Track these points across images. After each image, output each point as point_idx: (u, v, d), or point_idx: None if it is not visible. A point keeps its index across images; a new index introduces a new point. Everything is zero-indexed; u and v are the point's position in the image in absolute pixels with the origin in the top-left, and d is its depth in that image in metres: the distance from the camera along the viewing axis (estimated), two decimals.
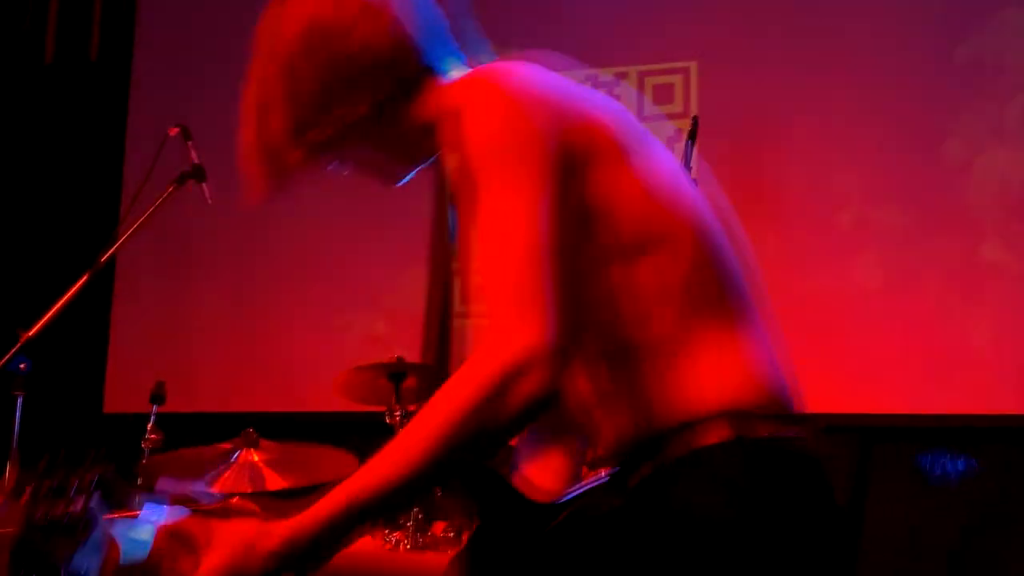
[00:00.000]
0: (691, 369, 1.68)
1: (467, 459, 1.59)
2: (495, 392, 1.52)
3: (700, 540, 1.61)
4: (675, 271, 1.70)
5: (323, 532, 1.57)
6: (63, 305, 3.85)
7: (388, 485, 1.56)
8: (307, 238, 5.53)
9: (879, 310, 4.75)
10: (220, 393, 5.51)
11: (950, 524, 4.71)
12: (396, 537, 3.57)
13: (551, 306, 1.56)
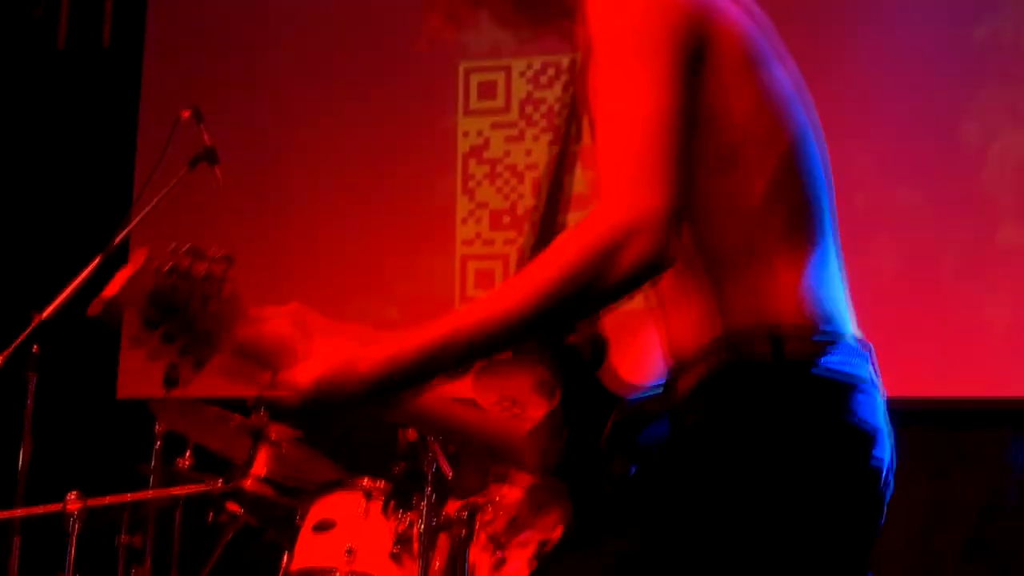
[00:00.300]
0: (756, 283, 1.68)
1: (565, 318, 1.60)
2: (606, 250, 1.52)
3: (724, 458, 1.62)
4: (768, 186, 1.70)
5: (417, 364, 1.57)
6: (76, 287, 3.85)
7: (486, 328, 1.56)
8: (319, 224, 5.52)
9: (895, 293, 4.72)
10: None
11: (965, 507, 4.69)
12: (410, 517, 3.56)
13: (669, 176, 1.55)
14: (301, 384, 1.58)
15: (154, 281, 1.49)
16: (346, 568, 3.52)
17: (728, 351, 1.67)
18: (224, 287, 1.54)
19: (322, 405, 1.59)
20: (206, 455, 4.34)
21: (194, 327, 1.52)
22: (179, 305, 1.51)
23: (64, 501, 3.60)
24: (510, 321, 1.56)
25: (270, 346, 1.60)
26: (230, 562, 4.21)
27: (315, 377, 1.58)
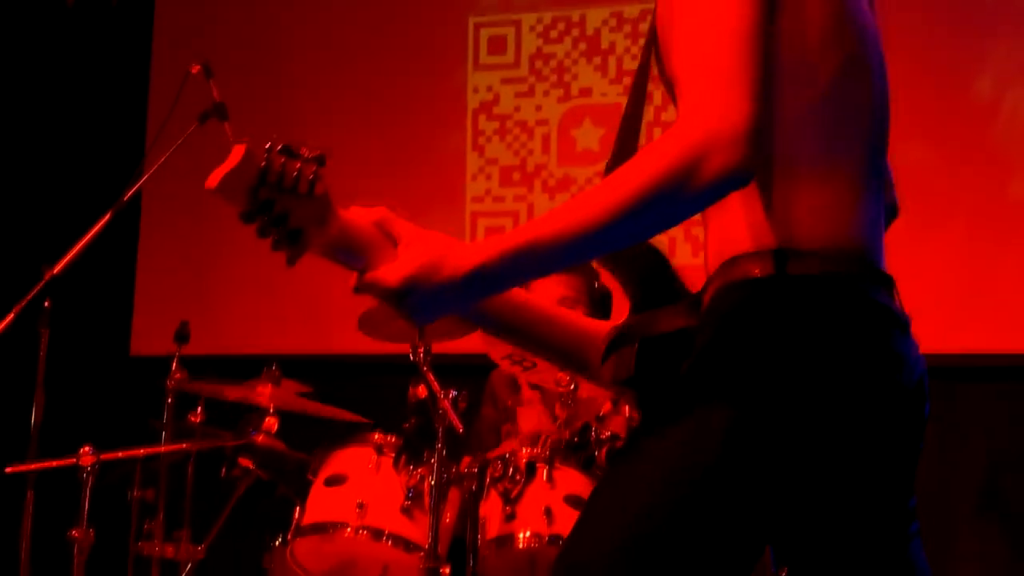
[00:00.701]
0: (787, 202, 1.70)
1: (647, 228, 1.61)
2: (692, 161, 1.53)
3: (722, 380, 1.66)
4: (825, 107, 1.72)
5: (500, 267, 1.58)
6: (87, 243, 3.86)
7: (568, 235, 1.57)
8: (332, 178, 5.50)
9: (906, 248, 4.70)
10: (245, 334, 5.51)
11: (980, 461, 4.71)
12: (421, 472, 3.58)
13: (753, 90, 1.57)
14: (389, 282, 1.59)
15: (250, 177, 1.50)
16: (357, 522, 3.53)
17: (738, 269, 1.71)
18: (316, 186, 1.55)
19: (407, 304, 1.60)
20: (218, 411, 4.36)
21: (286, 224, 1.53)
22: (273, 202, 1.52)
23: (77, 455, 3.63)
24: (592, 229, 1.57)
25: (358, 246, 1.61)
26: (242, 516, 4.24)
27: (402, 276, 1.59)
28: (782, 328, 1.67)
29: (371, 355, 5.25)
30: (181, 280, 5.71)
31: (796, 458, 1.65)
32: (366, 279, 1.62)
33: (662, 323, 1.79)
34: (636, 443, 1.75)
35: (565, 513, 3.53)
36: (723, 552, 1.68)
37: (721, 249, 1.75)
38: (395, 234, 1.63)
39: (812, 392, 1.65)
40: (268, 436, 4.01)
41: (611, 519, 1.68)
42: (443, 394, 3.46)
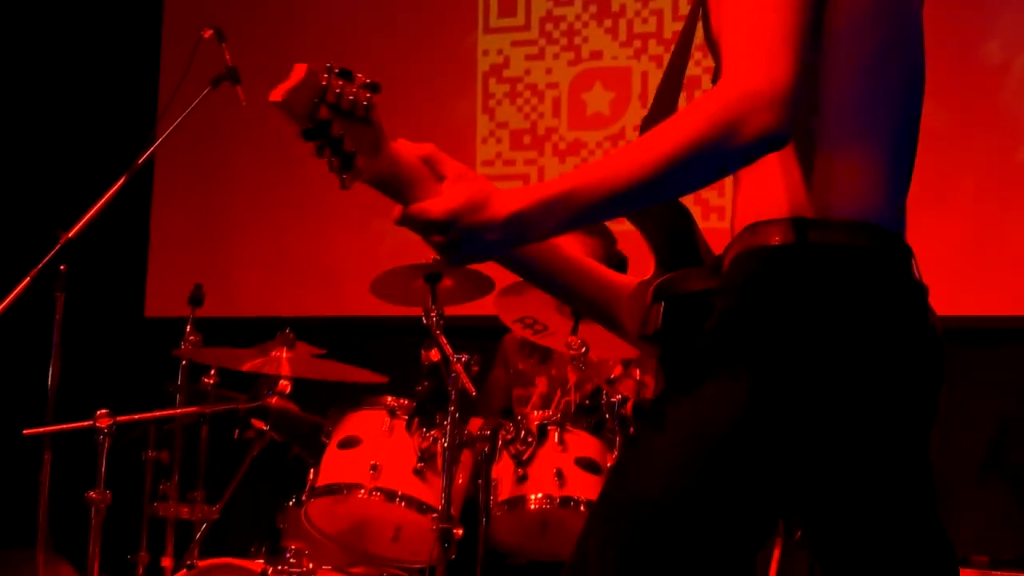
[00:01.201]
0: (820, 169, 1.72)
1: (685, 184, 1.63)
2: (733, 120, 1.56)
3: (740, 346, 1.68)
4: (869, 78, 1.74)
5: (541, 212, 1.60)
6: (102, 206, 3.88)
7: (606, 186, 1.60)
8: None
9: (913, 211, 4.71)
10: (258, 297, 5.55)
11: (986, 424, 4.73)
12: (433, 435, 3.62)
13: (796, 53, 1.60)
14: (433, 214, 1.61)
15: (311, 95, 1.53)
16: (371, 484, 3.58)
17: (758, 235, 1.73)
18: (370, 112, 1.57)
19: (448, 239, 1.62)
20: (232, 373, 4.40)
21: (342, 147, 1.56)
22: (331, 122, 1.55)
23: (94, 417, 3.66)
24: (632, 182, 1.59)
25: (406, 178, 1.63)
26: (256, 477, 4.28)
27: (446, 209, 1.60)
28: (801, 297, 1.69)
29: (384, 317, 5.28)
30: (194, 242, 5.75)
31: (812, 427, 1.68)
32: (411, 210, 1.63)
33: (687, 283, 1.83)
34: (658, 409, 1.78)
35: (576, 475, 3.57)
36: (740, 519, 1.71)
37: (745, 214, 1.78)
38: (442, 170, 1.64)
39: (830, 362, 1.67)
40: (282, 398, 4.04)
41: (633, 485, 1.72)
42: (455, 357, 3.49)
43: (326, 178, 5.27)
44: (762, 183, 1.75)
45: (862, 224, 1.73)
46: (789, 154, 1.72)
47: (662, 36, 5.17)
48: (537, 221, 1.62)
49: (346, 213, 5.50)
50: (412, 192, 1.63)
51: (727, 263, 1.79)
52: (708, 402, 1.69)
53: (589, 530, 1.78)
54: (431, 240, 1.64)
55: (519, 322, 3.66)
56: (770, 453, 1.68)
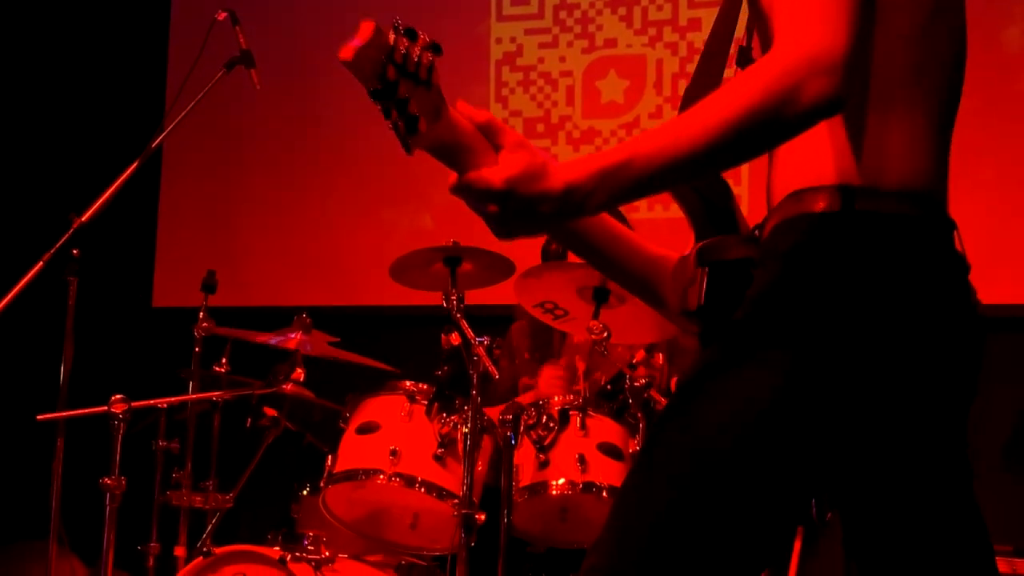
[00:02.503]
0: (867, 137, 1.69)
1: (742, 152, 1.59)
2: (791, 85, 1.53)
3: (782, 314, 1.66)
4: (918, 50, 1.72)
5: (596, 183, 1.56)
6: (115, 191, 3.83)
7: (664, 155, 1.56)
8: (355, 131, 5.48)
9: None
10: (267, 286, 5.50)
11: (1002, 414, 4.70)
12: (453, 420, 3.57)
13: (853, 19, 1.57)
14: (491, 182, 1.57)
15: (379, 54, 1.48)
16: (391, 469, 3.53)
17: (801, 203, 1.70)
18: (432, 75, 1.52)
19: (504, 209, 1.58)
20: (243, 362, 4.36)
21: (407, 111, 1.51)
22: (397, 83, 1.50)
23: (109, 402, 3.61)
24: (689, 151, 1.56)
25: (463, 145, 1.58)
26: (269, 466, 4.24)
27: (504, 177, 1.56)
28: (846, 268, 1.65)
29: (395, 306, 5.25)
30: (202, 231, 5.70)
31: (854, 401, 1.65)
32: (468, 177, 1.58)
33: (727, 251, 1.79)
34: (698, 382, 1.73)
35: (599, 461, 3.53)
36: (777, 495, 1.67)
37: (787, 182, 1.74)
38: (499, 139, 1.60)
39: (874, 337, 1.64)
40: (297, 385, 3.99)
41: (670, 458, 1.69)
42: (477, 340, 3.45)
43: (333, 166, 5.31)
44: (806, 150, 1.71)
45: (909, 193, 1.70)
46: (835, 120, 1.68)
47: (677, 23, 5.13)
48: (593, 192, 1.57)
49: (356, 202, 5.46)
50: (469, 160, 1.58)
51: (767, 231, 1.75)
52: (749, 376, 1.66)
53: (622, 504, 1.75)
54: (485, 211, 1.59)
55: (539, 307, 3.61)
56: (810, 427, 1.65)
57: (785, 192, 1.73)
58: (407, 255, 3.73)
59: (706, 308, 1.79)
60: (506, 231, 1.62)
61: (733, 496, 1.65)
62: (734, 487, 1.65)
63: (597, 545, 1.74)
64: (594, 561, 1.73)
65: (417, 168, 5.38)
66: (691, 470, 1.66)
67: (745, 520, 1.66)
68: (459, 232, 3.68)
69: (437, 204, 5.31)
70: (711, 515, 1.65)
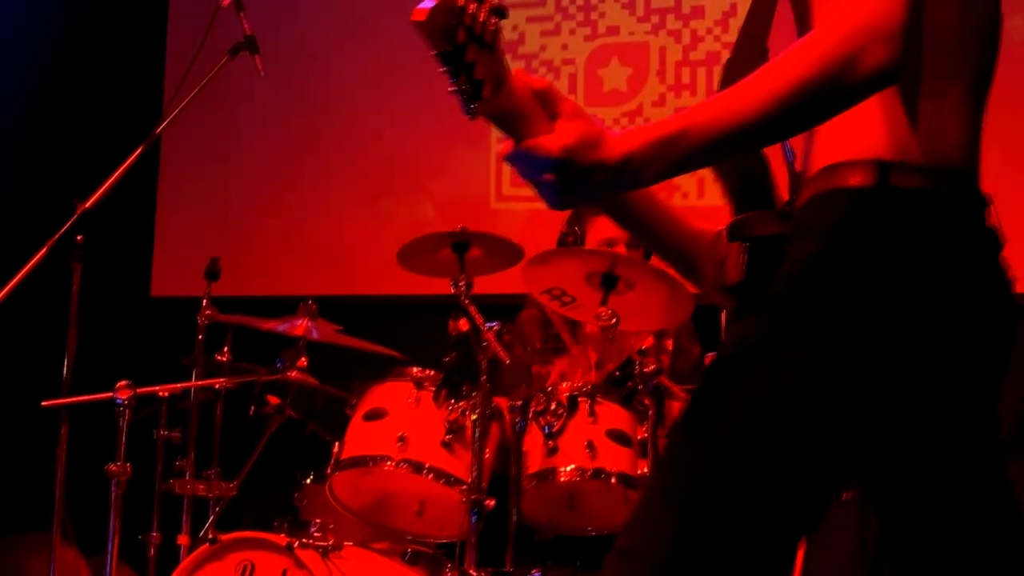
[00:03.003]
0: (906, 112, 1.68)
1: (797, 123, 1.59)
2: (848, 55, 1.52)
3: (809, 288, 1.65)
4: (960, 27, 1.72)
5: (653, 154, 1.55)
6: (118, 178, 3.82)
7: (722, 123, 1.55)
8: (355, 120, 5.46)
9: None
10: (265, 276, 5.47)
11: (1004, 405, 4.69)
12: (462, 406, 3.56)
13: None
14: (549, 150, 1.54)
15: (449, 15, 1.46)
16: (399, 455, 3.51)
17: (836, 177, 1.68)
18: (497, 39, 1.51)
19: (560, 178, 1.55)
20: (245, 351, 4.33)
21: (473, 75, 1.49)
22: (465, 47, 1.48)
23: (114, 389, 3.59)
24: (745, 122, 1.54)
25: (521, 112, 1.55)
26: (271, 455, 4.22)
27: (562, 145, 1.53)
28: (880, 243, 1.64)
29: (398, 296, 5.23)
30: (201, 220, 5.67)
31: (889, 378, 1.64)
32: (525, 145, 1.55)
33: (759, 226, 1.78)
34: (733, 359, 1.72)
35: (607, 447, 3.51)
36: (808, 474, 1.66)
37: (821, 156, 1.73)
38: (556, 107, 1.57)
39: (910, 311, 1.63)
40: (301, 372, 3.98)
41: (709, 435, 1.68)
42: (487, 326, 3.43)
43: (334, 157, 5.27)
44: (841, 123, 1.67)
45: (943, 169, 1.69)
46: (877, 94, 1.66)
47: (680, 11, 5.11)
48: (649, 163, 1.56)
49: (356, 191, 5.44)
50: (526, 127, 1.56)
51: (799, 206, 1.74)
52: (783, 352, 1.65)
53: (657, 482, 1.74)
54: (540, 180, 1.57)
55: (547, 293, 3.59)
56: (845, 403, 1.64)
57: (820, 166, 1.72)
58: (415, 240, 3.71)
59: (745, 284, 1.77)
60: (561, 201, 1.59)
61: (770, 474, 1.65)
62: (771, 464, 1.64)
63: (631, 524, 1.73)
64: (628, 541, 1.72)
65: (417, 157, 5.41)
66: (728, 446, 1.66)
67: (781, 498, 1.66)
68: (459, 222, 3.67)
69: (437, 193, 5.29)
70: (747, 492, 1.64)
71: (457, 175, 5.27)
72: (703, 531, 1.65)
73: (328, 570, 3.38)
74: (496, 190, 5.23)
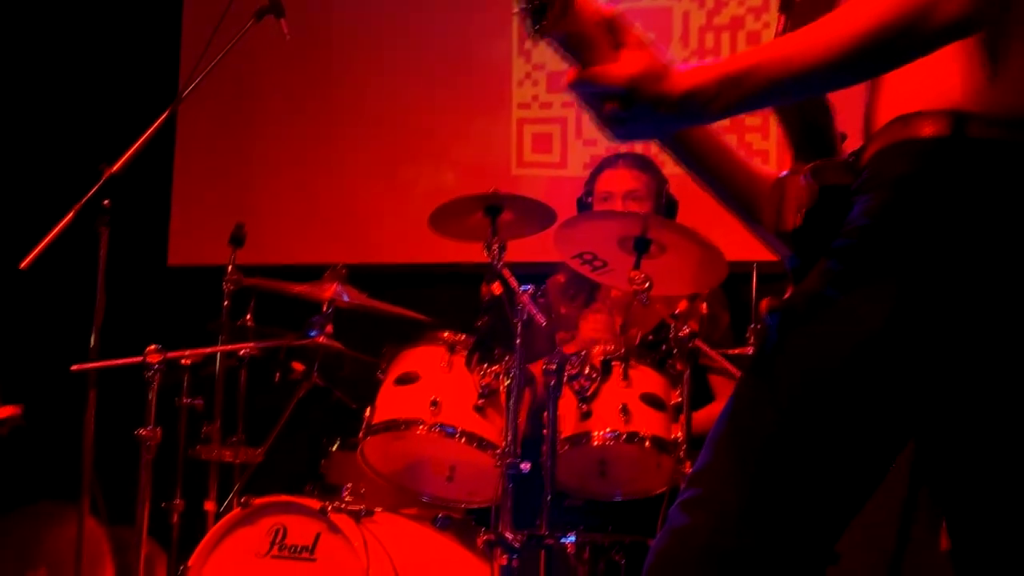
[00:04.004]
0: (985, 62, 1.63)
1: (871, 67, 1.57)
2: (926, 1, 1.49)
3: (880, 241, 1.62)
4: None
5: (720, 89, 1.53)
6: (145, 141, 3.79)
7: (794, 63, 1.52)
8: (375, 86, 5.41)
9: None
10: (283, 244, 5.42)
11: None
12: (495, 370, 3.54)
13: None
14: (615, 79, 1.52)
15: None
16: (431, 420, 3.50)
17: (908, 127, 1.65)
18: None
19: (625, 109, 1.53)
20: (266, 318, 4.31)
21: None
22: None
23: (144, 353, 3.57)
24: (815, 63, 1.52)
25: (587, 39, 1.53)
26: (295, 422, 4.20)
27: (628, 75, 1.51)
28: (955, 195, 1.61)
29: (419, 264, 5.20)
30: (218, 188, 5.62)
31: (960, 337, 1.61)
32: (589, 72, 1.52)
33: (825, 175, 1.75)
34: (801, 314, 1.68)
35: (641, 411, 3.50)
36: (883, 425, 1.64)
37: (891, 106, 1.69)
38: (622, 37, 1.54)
39: (985, 264, 1.60)
40: (328, 338, 3.96)
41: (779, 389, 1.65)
42: (522, 288, 3.41)
43: (353, 121, 5.20)
44: (913, 71, 1.64)
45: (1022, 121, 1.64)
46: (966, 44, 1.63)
47: None
48: (715, 98, 1.53)
49: (375, 158, 5.39)
50: (590, 54, 1.53)
51: (868, 157, 1.71)
52: (855, 305, 1.62)
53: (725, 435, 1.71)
54: (602, 110, 1.55)
55: (577, 258, 3.57)
56: (918, 358, 1.61)
57: (890, 116, 1.68)
58: (446, 204, 3.68)
59: (802, 230, 1.75)
60: (623, 132, 1.57)
61: (843, 429, 1.62)
62: (844, 418, 1.62)
63: (699, 476, 1.71)
64: (696, 492, 1.69)
65: (436, 123, 5.37)
66: (802, 396, 1.63)
67: (854, 452, 1.64)
68: (480, 189, 3.64)
69: (458, 159, 5.25)
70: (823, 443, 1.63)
71: (478, 141, 5.22)
72: (776, 483, 1.63)
73: (362, 534, 3.37)
74: (517, 156, 5.19)
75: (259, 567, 3.47)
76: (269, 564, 3.46)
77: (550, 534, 3.33)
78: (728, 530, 1.64)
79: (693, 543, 1.66)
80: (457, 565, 3.59)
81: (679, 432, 3.44)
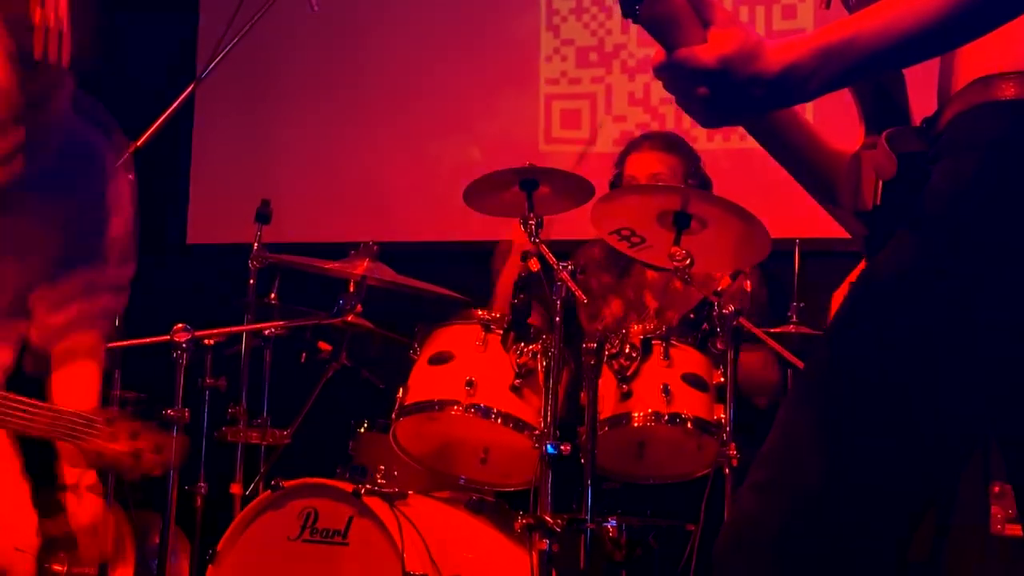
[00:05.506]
0: None
1: (967, 32, 1.48)
2: None
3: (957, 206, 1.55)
4: None
5: (816, 65, 1.45)
6: (168, 116, 3.71)
7: (890, 32, 1.44)
8: (400, 61, 5.31)
9: None
10: (306, 223, 5.33)
11: None
12: (533, 349, 3.44)
13: None
14: (705, 60, 1.43)
15: None
16: (467, 400, 3.40)
17: (988, 90, 1.57)
18: None
19: (715, 91, 1.45)
20: (290, 297, 4.23)
21: None
22: None
23: (172, 332, 3.48)
24: (915, 28, 1.43)
25: (675, 18, 1.45)
26: (322, 403, 4.12)
27: (719, 55, 1.43)
28: None
29: (445, 242, 5.12)
30: (238, 166, 5.53)
31: None
32: (679, 55, 1.44)
33: (902, 143, 1.65)
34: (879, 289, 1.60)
35: (683, 391, 3.41)
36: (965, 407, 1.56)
37: (970, 68, 1.61)
38: (709, 14, 1.45)
39: None
40: (357, 317, 3.86)
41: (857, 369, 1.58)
42: (560, 265, 3.31)
43: (380, 96, 5.09)
44: (993, 34, 1.56)
45: None
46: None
47: None
48: (814, 74, 1.45)
49: (401, 133, 5.29)
50: (678, 35, 1.45)
51: (945, 121, 1.62)
52: (937, 277, 1.54)
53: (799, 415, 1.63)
54: (693, 94, 1.46)
55: (615, 234, 3.47)
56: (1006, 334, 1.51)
57: (968, 79, 1.60)
58: (481, 178, 3.58)
59: (882, 208, 1.66)
60: (716, 117, 1.49)
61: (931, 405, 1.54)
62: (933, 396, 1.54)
63: (770, 458, 1.63)
64: (769, 474, 1.62)
65: (463, 98, 5.27)
66: (886, 379, 1.55)
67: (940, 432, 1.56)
68: (507, 165, 3.54)
69: (485, 136, 5.15)
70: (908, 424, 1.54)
71: (505, 117, 5.12)
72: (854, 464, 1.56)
73: (395, 518, 3.27)
74: (545, 132, 5.08)
75: (290, 551, 3.37)
76: (300, 548, 3.37)
77: (591, 518, 3.23)
78: (804, 512, 1.57)
79: (767, 526, 1.59)
80: (494, 550, 3.49)
81: (722, 413, 3.35)
